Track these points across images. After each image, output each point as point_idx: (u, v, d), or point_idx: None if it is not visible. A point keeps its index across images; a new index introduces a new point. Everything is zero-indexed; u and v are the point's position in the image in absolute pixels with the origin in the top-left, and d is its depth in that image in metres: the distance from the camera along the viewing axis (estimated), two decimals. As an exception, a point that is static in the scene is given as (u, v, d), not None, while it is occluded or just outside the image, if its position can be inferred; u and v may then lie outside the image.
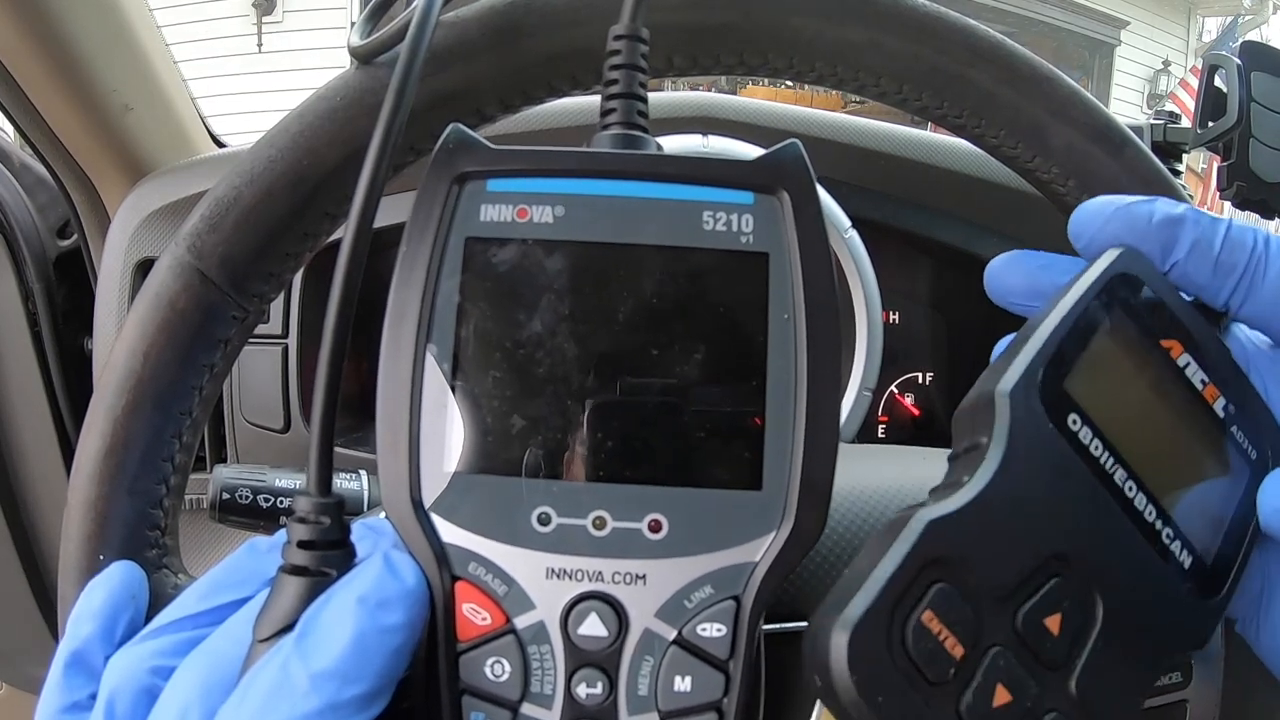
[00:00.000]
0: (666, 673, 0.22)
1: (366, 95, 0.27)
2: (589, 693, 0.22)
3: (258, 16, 5.47)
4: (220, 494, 0.45)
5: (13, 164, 0.72)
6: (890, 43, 0.28)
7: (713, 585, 0.22)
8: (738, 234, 0.22)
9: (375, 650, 0.20)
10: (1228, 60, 0.55)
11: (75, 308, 0.71)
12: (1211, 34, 7.26)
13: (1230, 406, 0.22)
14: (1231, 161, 0.55)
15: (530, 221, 0.22)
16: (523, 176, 0.22)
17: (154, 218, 0.66)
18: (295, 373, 0.66)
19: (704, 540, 0.22)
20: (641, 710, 0.22)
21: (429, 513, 0.22)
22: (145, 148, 0.70)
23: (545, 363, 0.22)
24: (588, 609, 0.22)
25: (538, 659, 0.22)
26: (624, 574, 0.22)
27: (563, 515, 0.22)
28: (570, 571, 0.22)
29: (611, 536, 0.22)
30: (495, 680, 0.22)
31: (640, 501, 0.22)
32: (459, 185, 0.22)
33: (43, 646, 0.74)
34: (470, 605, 0.22)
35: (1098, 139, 0.29)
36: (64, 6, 0.60)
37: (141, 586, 0.25)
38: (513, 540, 0.22)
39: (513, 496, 0.22)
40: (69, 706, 0.22)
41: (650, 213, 0.22)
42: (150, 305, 0.26)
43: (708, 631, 0.22)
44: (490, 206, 0.22)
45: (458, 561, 0.22)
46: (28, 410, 0.69)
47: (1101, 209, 0.23)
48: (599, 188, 0.22)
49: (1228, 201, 0.56)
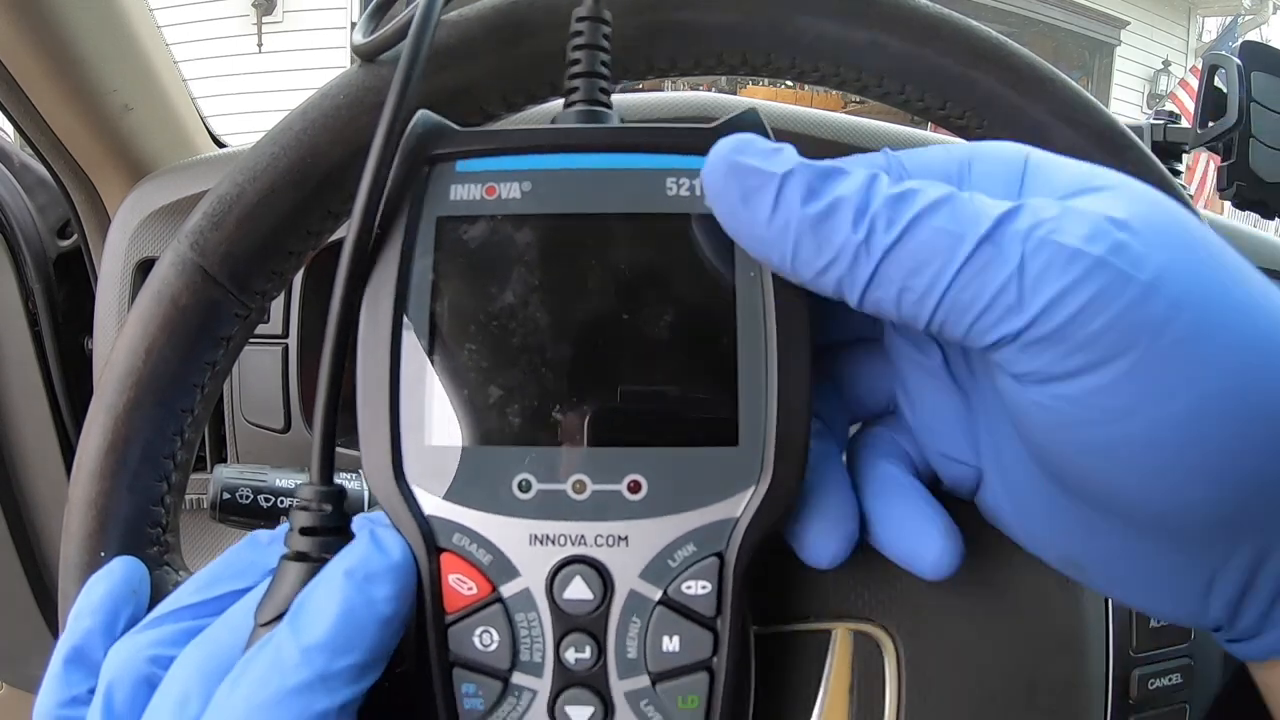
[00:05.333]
0: (654, 633, 0.22)
1: (369, 94, 0.27)
2: (578, 657, 0.22)
3: (258, 16, 5.47)
4: (220, 494, 0.45)
5: (13, 164, 0.72)
6: (893, 43, 0.28)
7: (695, 543, 0.22)
8: (701, 198, 0.22)
9: (364, 622, 0.20)
10: (1228, 60, 0.55)
11: (75, 308, 0.71)
12: (1211, 34, 7.27)
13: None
14: (1231, 161, 0.55)
15: (499, 198, 0.23)
16: (489, 156, 0.23)
17: (154, 218, 0.66)
18: (295, 373, 0.66)
19: (684, 499, 0.22)
20: (631, 673, 0.22)
21: (410, 486, 0.22)
22: (145, 148, 0.70)
23: (519, 333, 0.22)
24: (572, 573, 0.22)
25: (525, 627, 0.22)
26: (606, 536, 0.22)
27: (542, 481, 0.22)
28: (553, 537, 0.22)
29: (591, 499, 0.22)
30: (484, 650, 0.22)
31: (618, 463, 0.22)
32: (429, 168, 0.23)
33: (43, 646, 0.74)
34: (456, 576, 0.22)
35: (1100, 142, 0.29)
36: (64, 6, 0.60)
37: (143, 581, 0.25)
38: (494, 509, 0.22)
39: (492, 466, 0.22)
40: (68, 701, 0.22)
41: (615, 182, 0.23)
42: (152, 302, 0.26)
43: (693, 589, 0.22)
44: (459, 186, 0.23)
45: (441, 533, 0.22)
46: (28, 410, 0.69)
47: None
48: (564, 161, 0.23)
49: (1228, 201, 0.56)
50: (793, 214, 0.19)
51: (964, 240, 0.18)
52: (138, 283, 0.66)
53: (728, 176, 0.20)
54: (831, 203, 0.19)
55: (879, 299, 0.19)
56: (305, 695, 0.19)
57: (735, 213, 0.20)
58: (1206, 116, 0.57)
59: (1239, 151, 0.54)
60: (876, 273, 0.19)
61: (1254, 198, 0.54)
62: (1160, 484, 0.18)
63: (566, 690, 0.22)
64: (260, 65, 5.41)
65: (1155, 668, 0.31)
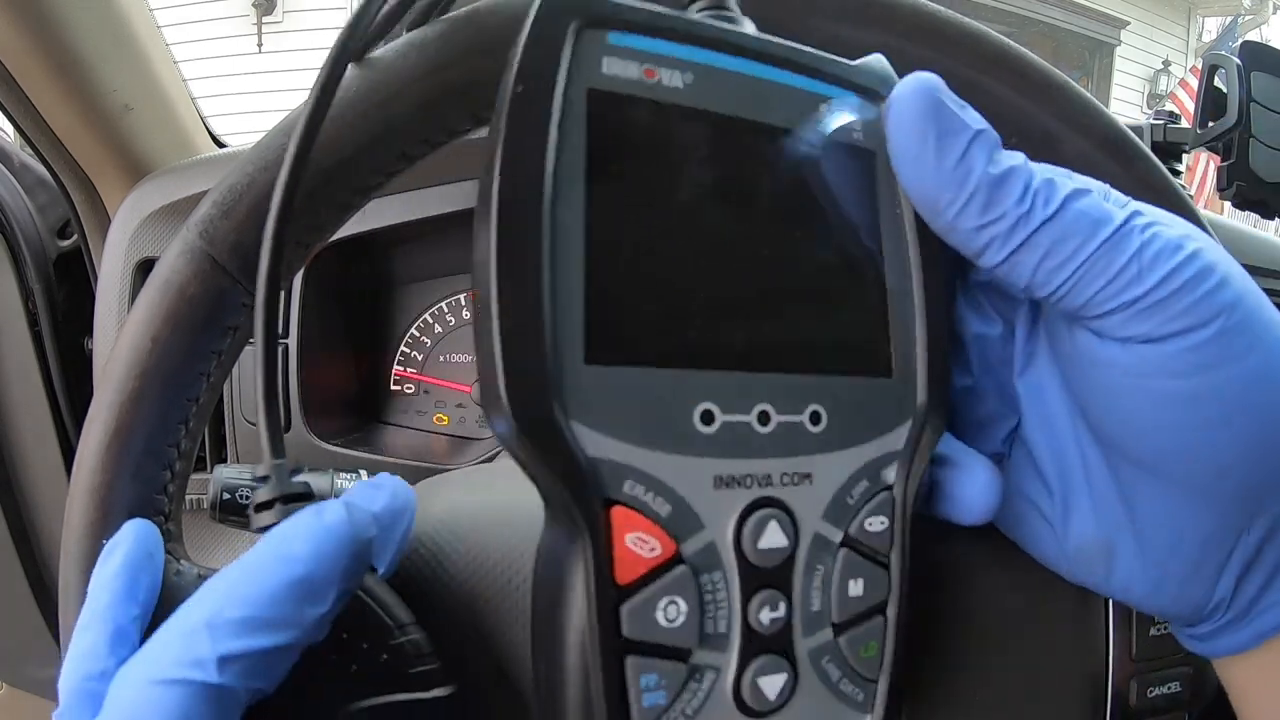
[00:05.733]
0: (840, 578, 0.20)
1: (376, 89, 0.27)
2: (772, 617, 0.19)
3: (258, 16, 5.47)
4: (220, 494, 0.45)
5: (13, 164, 0.72)
6: (904, 47, 0.28)
7: (868, 479, 0.21)
8: (851, 130, 0.22)
9: (268, 576, 0.19)
10: (1228, 60, 0.55)
11: (75, 308, 0.71)
12: (1211, 34, 7.26)
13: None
14: (1231, 161, 0.55)
15: (659, 83, 0.20)
16: (646, 35, 0.20)
17: (154, 218, 0.66)
18: (295, 373, 0.66)
19: (857, 431, 0.21)
20: (815, 628, 0.20)
21: (570, 420, 0.18)
22: (145, 148, 0.70)
23: (689, 238, 0.19)
24: (766, 517, 0.19)
25: (710, 590, 0.19)
26: (791, 474, 0.20)
27: (728, 411, 0.19)
28: (739, 478, 0.19)
29: (777, 432, 0.20)
30: (669, 627, 0.18)
31: (802, 391, 0.20)
32: (576, 30, 0.19)
33: (43, 646, 0.74)
34: (636, 534, 0.18)
35: (1110, 149, 0.29)
36: (64, 6, 0.60)
37: (157, 544, 0.24)
38: (677, 447, 0.18)
39: (670, 392, 0.19)
40: (97, 674, 0.22)
41: (778, 96, 0.21)
42: (160, 290, 0.26)
43: (873, 526, 0.21)
44: (613, 59, 0.19)
45: (611, 481, 0.18)
46: (28, 410, 0.69)
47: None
48: (726, 61, 0.21)
49: (1228, 201, 0.56)
50: (977, 168, 0.21)
51: (1103, 224, 0.21)
52: (138, 283, 0.66)
53: (926, 114, 0.21)
54: (1009, 170, 0.21)
55: (1019, 261, 0.21)
56: (188, 638, 0.19)
57: (920, 150, 0.21)
58: (1206, 116, 0.57)
59: (1239, 151, 0.54)
60: (1030, 239, 0.21)
61: (1254, 198, 0.54)
62: (1217, 437, 0.22)
63: (755, 660, 0.19)
64: (260, 65, 5.40)
65: (1155, 676, 0.31)
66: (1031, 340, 0.26)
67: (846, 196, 0.22)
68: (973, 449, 0.25)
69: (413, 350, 0.76)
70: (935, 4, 0.29)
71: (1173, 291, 0.21)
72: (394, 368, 0.76)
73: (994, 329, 0.27)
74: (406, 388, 0.77)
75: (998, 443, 0.27)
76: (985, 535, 0.28)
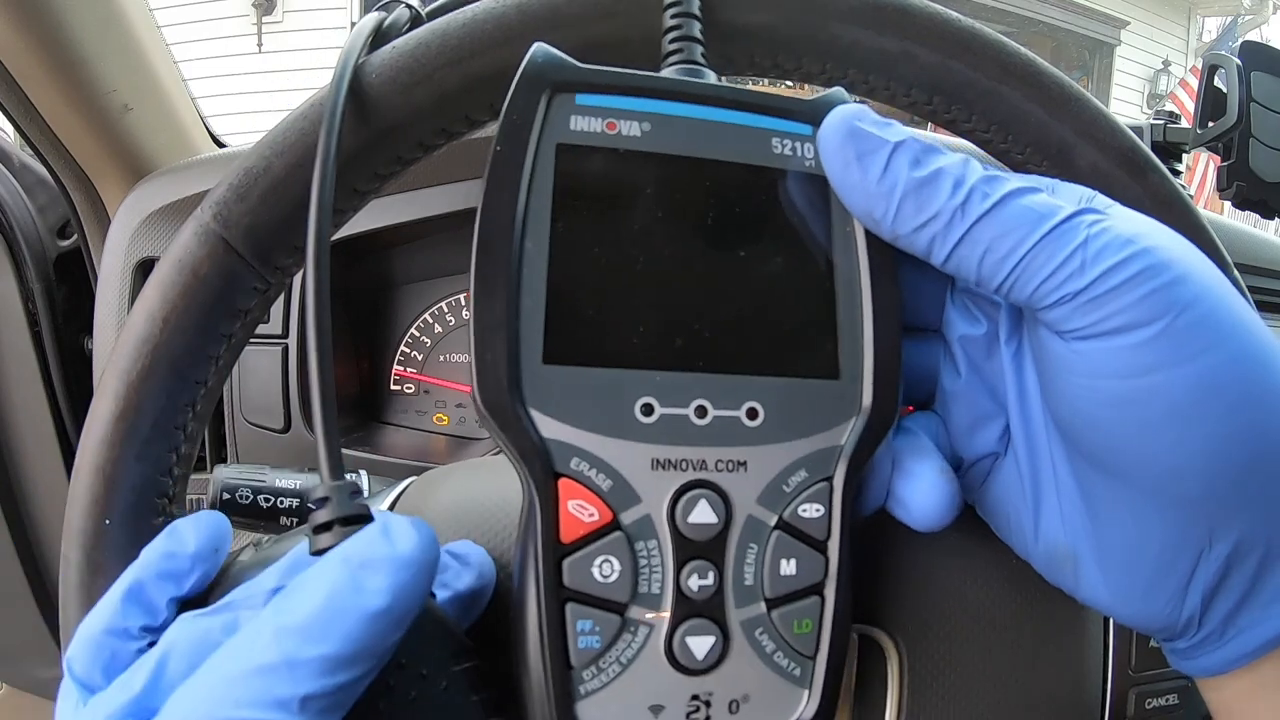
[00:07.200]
0: (772, 557, 0.23)
1: (395, 77, 0.27)
2: (701, 585, 0.22)
3: (258, 16, 5.47)
4: (220, 494, 0.45)
5: (13, 164, 0.72)
6: (924, 54, 0.28)
7: (806, 469, 0.23)
8: (802, 158, 0.24)
9: (348, 611, 0.19)
10: (1228, 60, 0.55)
11: (75, 308, 0.71)
12: (1211, 34, 7.26)
13: None
14: (1231, 161, 0.55)
15: (619, 134, 0.23)
16: (609, 93, 0.23)
17: (154, 218, 0.66)
18: (295, 373, 0.66)
19: (796, 426, 0.23)
20: (748, 600, 0.23)
21: (527, 408, 0.22)
22: (145, 148, 0.70)
23: (642, 260, 0.23)
24: (696, 498, 0.22)
25: (645, 556, 0.22)
26: (726, 461, 0.22)
27: (666, 405, 0.22)
28: (675, 462, 0.22)
29: (713, 425, 0.23)
30: (604, 582, 0.21)
31: (738, 390, 0.23)
32: (549, 96, 0.23)
33: (43, 646, 0.74)
34: (576, 502, 0.21)
35: (1122, 162, 0.29)
36: (64, 6, 0.60)
37: (226, 540, 0.24)
38: (616, 432, 0.22)
39: (614, 388, 0.22)
40: (119, 631, 0.22)
41: (727, 134, 0.24)
42: (172, 270, 0.26)
43: (807, 512, 0.23)
44: (579, 118, 0.23)
45: (559, 457, 0.22)
46: (28, 410, 0.69)
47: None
48: (680, 109, 0.24)
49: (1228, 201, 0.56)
50: (900, 176, 0.22)
51: (1045, 219, 0.21)
52: (138, 283, 0.66)
53: (846, 138, 0.22)
54: (935, 171, 0.22)
55: (964, 256, 0.22)
56: (267, 677, 0.18)
57: (848, 171, 0.23)
58: (1206, 116, 0.57)
59: (1239, 151, 0.54)
60: (968, 234, 0.22)
61: (1254, 198, 0.54)
62: (1167, 439, 0.21)
63: (686, 621, 0.22)
64: (260, 65, 5.41)
65: (1152, 687, 0.31)
66: (1013, 340, 0.27)
67: (795, 218, 0.24)
68: (935, 458, 0.25)
69: (413, 350, 0.76)
70: (946, 8, 0.29)
71: (1114, 286, 0.21)
72: (394, 368, 0.76)
73: (978, 329, 0.27)
74: (406, 387, 0.77)
75: (992, 442, 0.27)
76: (985, 537, 0.28)
